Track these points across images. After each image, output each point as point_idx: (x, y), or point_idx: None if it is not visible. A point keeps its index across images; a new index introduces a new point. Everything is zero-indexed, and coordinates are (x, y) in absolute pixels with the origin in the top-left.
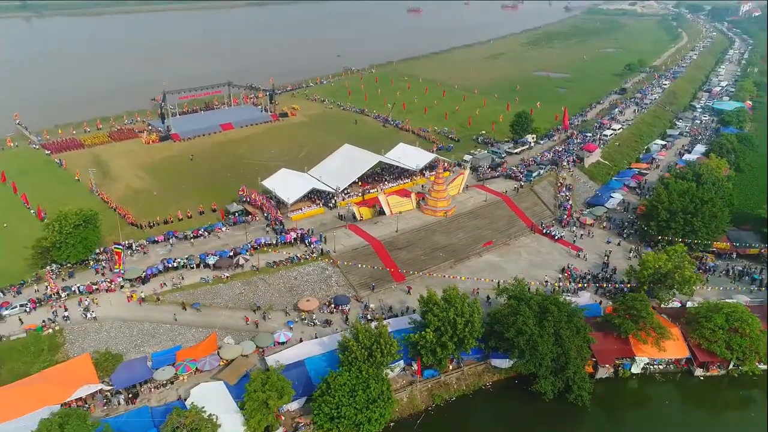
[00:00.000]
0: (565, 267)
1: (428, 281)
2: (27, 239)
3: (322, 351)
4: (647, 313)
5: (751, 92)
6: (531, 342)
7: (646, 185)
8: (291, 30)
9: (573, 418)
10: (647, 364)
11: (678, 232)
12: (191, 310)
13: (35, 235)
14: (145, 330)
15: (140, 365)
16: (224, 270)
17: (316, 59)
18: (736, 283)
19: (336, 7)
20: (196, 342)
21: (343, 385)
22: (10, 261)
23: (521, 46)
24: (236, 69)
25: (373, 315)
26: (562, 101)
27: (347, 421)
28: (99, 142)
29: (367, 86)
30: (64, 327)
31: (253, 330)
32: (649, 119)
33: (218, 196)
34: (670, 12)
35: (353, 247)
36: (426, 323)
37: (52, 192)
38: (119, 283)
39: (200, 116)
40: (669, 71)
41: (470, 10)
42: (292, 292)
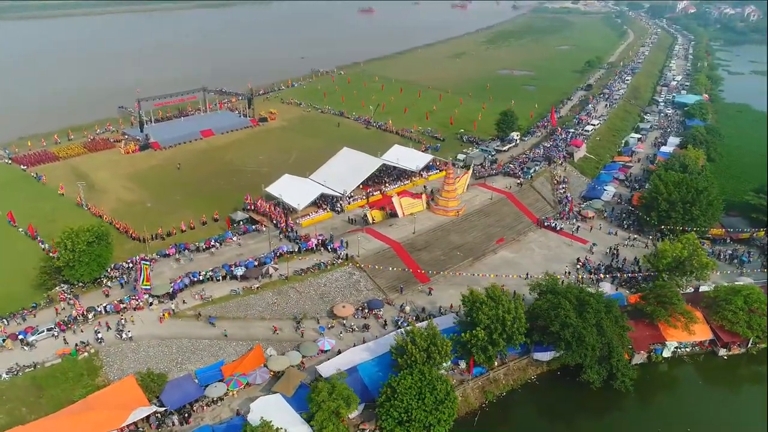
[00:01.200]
0: (579, 259)
1: (451, 281)
2: (24, 259)
3: (371, 356)
4: (678, 299)
5: (705, 85)
6: (577, 334)
7: (632, 177)
8: (245, 33)
9: (616, 403)
10: (676, 347)
11: (678, 221)
12: (227, 322)
13: (31, 254)
14: (184, 347)
15: (188, 383)
16: (253, 280)
17: (279, 62)
18: (735, 267)
19: (282, 8)
20: (238, 356)
21: (409, 389)
22: (12, 283)
23: (480, 45)
24: (201, 73)
25: (407, 318)
26: (532, 99)
27: (418, 423)
28: (74, 153)
29: (341, 88)
30: (99, 349)
31: (293, 339)
32: (621, 114)
33: (216, 205)
34: (612, 10)
35: (375, 250)
36: (475, 321)
37: (38, 208)
38: (146, 300)
39: (179, 123)
40: (627, 67)
41: (420, 10)
42: (324, 299)
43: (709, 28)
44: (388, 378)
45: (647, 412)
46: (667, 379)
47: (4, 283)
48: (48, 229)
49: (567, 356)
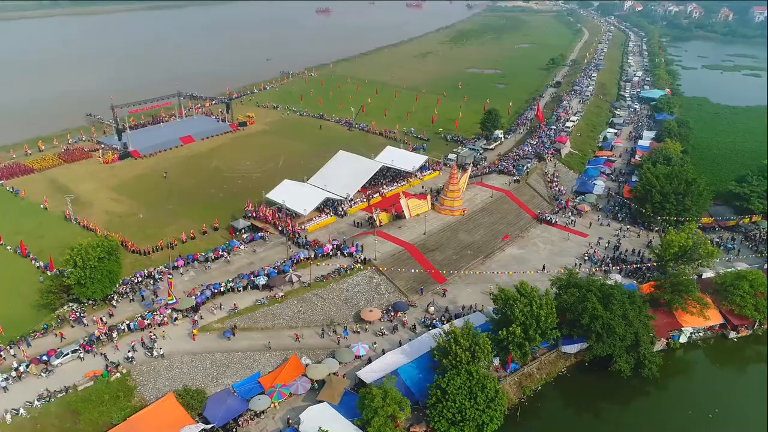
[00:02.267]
0: (584, 252)
1: (466, 280)
2: (18, 279)
3: (409, 359)
4: (694, 287)
5: (666, 80)
6: (606, 325)
7: (617, 171)
8: (201, 35)
9: (645, 390)
10: (691, 333)
11: (672, 211)
12: (256, 333)
13: (25, 273)
14: (218, 361)
15: (230, 398)
16: (276, 289)
17: (244, 64)
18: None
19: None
20: (272, 367)
21: (459, 389)
22: (11, 305)
23: (443, 44)
24: (166, 78)
25: (431, 319)
26: (505, 97)
27: (472, 423)
28: (50, 165)
29: (316, 90)
30: (131, 369)
31: (325, 347)
32: (594, 109)
33: (212, 213)
34: (563, 8)
35: (391, 253)
36: (510, 319)
37: (23, 224)
38: (169, 314)
39: (157, 130)
40: (591, 64)
41: (376, 10)
42: (348, 304)
43: (656, 25)
44: (435, 379)
45: (674, 397)
46: (687, 363)
47: (3, 305)
48: (38, 246)
49: (598, 347)
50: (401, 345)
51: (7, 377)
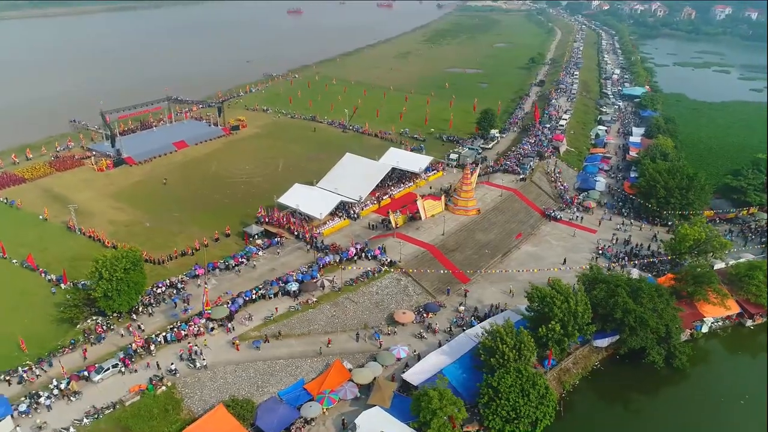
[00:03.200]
0: (598, 248)
1: (488, 279)
2: (29, 294)
3: (451, 359)
4: (715, 279)
5: (645, 77)
6: (639, 319)
7: (615, 167)
8: (176, 37)
9: (676, 380)
10: (712, 323)
11: (676, 206)
12: (294, 339)
13: (35, 287)
14: (260, 369)
15: (280, 406)
16: (308, 294)
17: (225, 66)
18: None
19: (203, 11)
20: (315, 373)
21: (511, 387)
22: (28, 321)
23: (421, 44)
24: (148, 81)
25: (463, 318)
26: (490, 96)
27: (526, 420)
28: (42, 174)
29: (303, 92)
30: (175, 381)
31: (364, 350)
32: (581, 107)
33: (220, 219)
34: (531, 7)
35: (413, 254)
36: (549, 316)
37: (24, 237)
38: (204, 324)
39: (149, 136)
40: (571, 62)
41: (347, 10)
42: (379, 307)
43: (623, 23)
44: (484, 378)
45: (705, 385)
46: (712, 352)
47: (19, 322)
48: (43, 259)
49: (632, 340)
50: (440, 346)
51: (49, 395)
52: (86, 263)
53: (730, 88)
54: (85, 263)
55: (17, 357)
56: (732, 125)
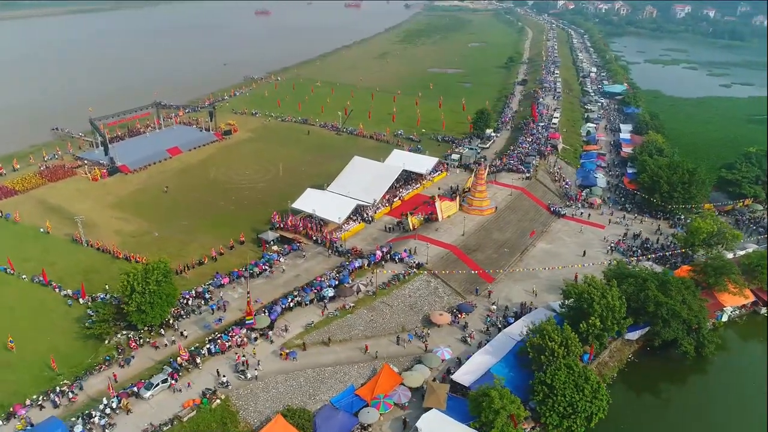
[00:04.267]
0: (610, 243)
1: (511, 277)
2: (48, 311)
3: (496, 358)
4: (735, 269)
5: (623, 75)
6: (671, 311)
7: (612, 163)
8: (145, 41)
9: (706, 368)
10: (731, 312)
11: (679, 200)
12: (337, 345)
13: (52, 303)
14: (310, 377)
15: (337, 413)
16: (344, 299)
17: (202, 69)
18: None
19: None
20: (363, 378)
21: (565, 383)
22: (51, 338)
23: (397, 45)
24: (126, 86)
25: (497, 318)
26: (474, 95)
27: (582, 414)
28: (34, 185)
29: (290, 95)
30: (228, 394)
31: (407, 353)
32: (567, 105)
33: (230, 227)
34: (499, 7)
35: (439, 256)
36: (588, 311)
37: (28, 251)
38: (245, 334)
39: (140, 142)
40: (550, 61)
41: (314, 10)
42: (414, 309)
43: (589, 22)
44: (536, 376)
45: (734, 372)
46: (735, 340)
47: (41, 340)
48: (54, 273)
49: (665, 332)
50: (480, 346)
51: (102, 415)
52: (100, 276)
53: (700, 85)
54: (98, 276)
55: (51, 376)
56: (710, 120)
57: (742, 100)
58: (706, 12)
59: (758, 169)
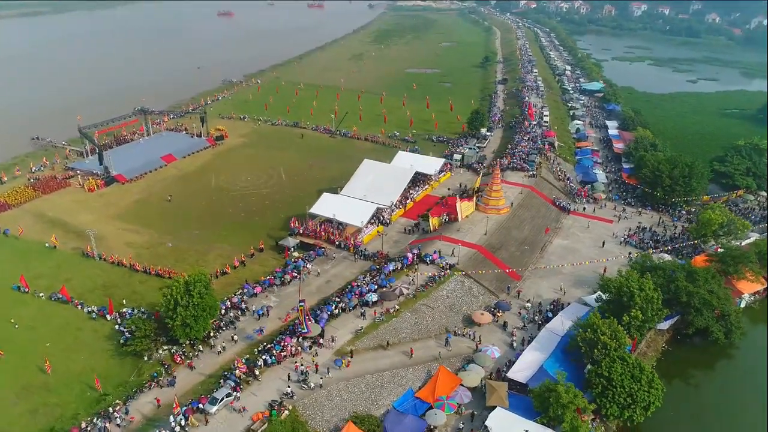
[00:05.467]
0: (625, 236)
1: (536, 274)
2: (75, 329)
3: (546, 354)
4: (752, 259)
5: (598, 73)
6: (702, 300)
7: (606, 159)
8: (110, 44)
9: (735, 354)
10: (747, 299)
11: (680, 193)
12: (391, 350)
13: (78, 321)
14: (370, 382)
15: (405, 418)
16: (390, 303)
17: (175, 73)
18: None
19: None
20: (419, 380)
21: (622, 375)
22: (86, 357)
23: (369, 46)
24: (99, 93)
25: (533, 314)
26: (456, 95)
27: (642, 403)
28: (27, 197)
29: (274, 98)
30: (293, 404)
31: (457, 354)
32: (552, 103)
33: (244, 234)
34: (462, 6)
35: (467, 256)
36: (629, 304)
37: (38, 267)
38: (297, 343)
39: (133, 151)
40: (525, 60)
41: (277, 11)
42: (453, 310)
43: (551, 20)
44: (590, 369)
45: (759, 354)
46: (756, 325)
47: (75, 360)
48: (72, 290)
49: (698, 320)
50: (526, 343)
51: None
52: (121, 291)
53: (668, 81)
54: (119, 291)
55: (95, 397)
56: (684, 115)
57: (711, 95)
58: (661, 10)
59: (749, 161)
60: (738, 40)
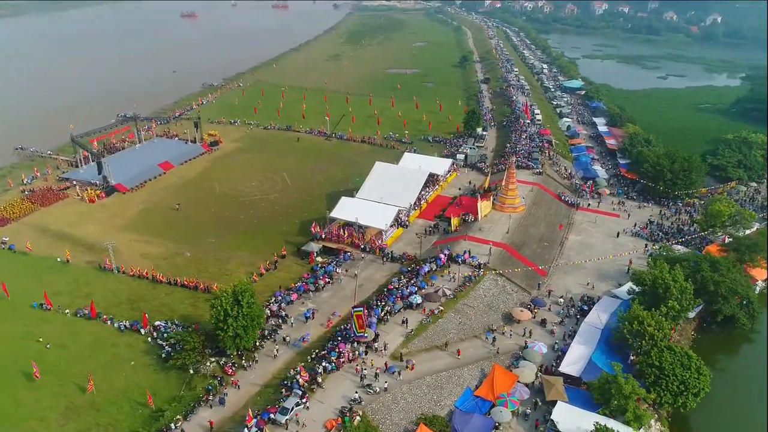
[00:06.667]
0: (637, 229)
1: (560, 270)
2: (109, 345)
3: (591, 347)
4: (763, 248)
5: (576, 71)
6: (729, 289)
7: (602, 154)
8: (75, 47)
9: (754, 337)
10: (761, 285)
11: (681, 186)
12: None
13: (111, 337)
14: (430, 384)
15: (472, 417)
16: (434, 304)
17: (152, 79)
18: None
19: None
20: (474, 379)
21: (672, 364)
22: (130, 374)
23: (344, 46)
24: (79, 100)
25: (567, 309)
26: (440, 95)
27: (693, 390)
28: (25, 211)
29: (262, 101)
30: (362, 409)
31: (502, 352)
32: (538, 102)
33: (261, 241)
34: (426, 6)
35: (496, 255)
36: (665, 296)
37: (56, 283)
38: (351, 348)
39: (127, 159)
40: (504, 59)
41: (240, 12)
42: (492, 308)
43: (517, 20)
44: (640, 360)
45: None
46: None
47: (117, 377)
48: (96, 305)
49: (726, 308)
50: (569, 337)
51: None
52: (147, 304)
53: (639, 78)
54: (146, 304)
55: (148, 414)
56: (662, 110)
57: (682, 91)
58: (621, 9)
59: (739, 154)
60: (695, 38)
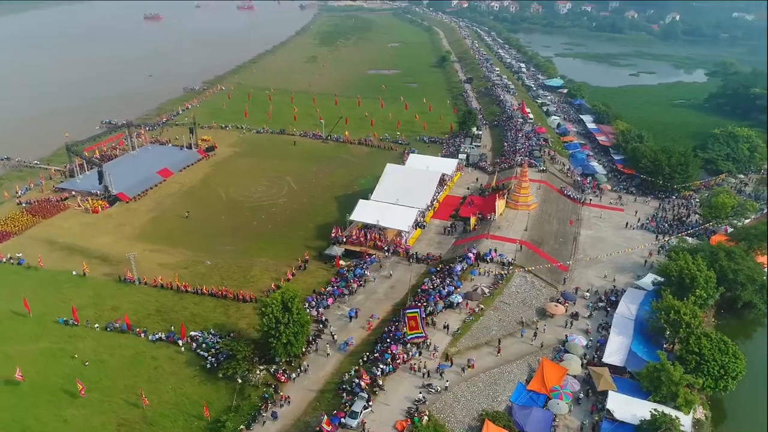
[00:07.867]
0: (645, 222)
1: (579, 264)
2: (149, 359)
3: (628, 338)
4: None
5: (554, 69)
6: (746, 276)
7: (596, 151)
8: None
9: (762, 321)
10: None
11: (679, 180)
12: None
13: (148, 349)
14: (485, 380)
15: (529, 410)
16: (475, 303)
17: (128, 83)
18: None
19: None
20: (523, 374)
21: (711, 350)
22: (175, 387)
23: (319, 48)
24: (58, 106)
25: (596, 302)
26: (425, 95)
27: (732, 373)
28: (27, 224)
29: (250, 105)
30: (428, 409)
31: (547, 345)
32: (524, 100)
33: (282, 246)
34: (395, 6)
35: (520, 252)
36: (692, 285)
37: (77, 298)
38: (404, 349)
39: (125, 167)
40: (482, 59)
41: (206, 13)
42: (525, 304)
43: (485, 19)
44: (679, 348)
45: None
46: None
47: (162, 391)
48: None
49: (746, 295)
50: (600, 330)
51: None
52: (177, 315)
53: (612, 75)
54: (176, 315)
55: (204, 426)
56: (640, 107)
57: (655, 87)
58: (584, 8)
59: (727, 148)
60: (657, 35)
